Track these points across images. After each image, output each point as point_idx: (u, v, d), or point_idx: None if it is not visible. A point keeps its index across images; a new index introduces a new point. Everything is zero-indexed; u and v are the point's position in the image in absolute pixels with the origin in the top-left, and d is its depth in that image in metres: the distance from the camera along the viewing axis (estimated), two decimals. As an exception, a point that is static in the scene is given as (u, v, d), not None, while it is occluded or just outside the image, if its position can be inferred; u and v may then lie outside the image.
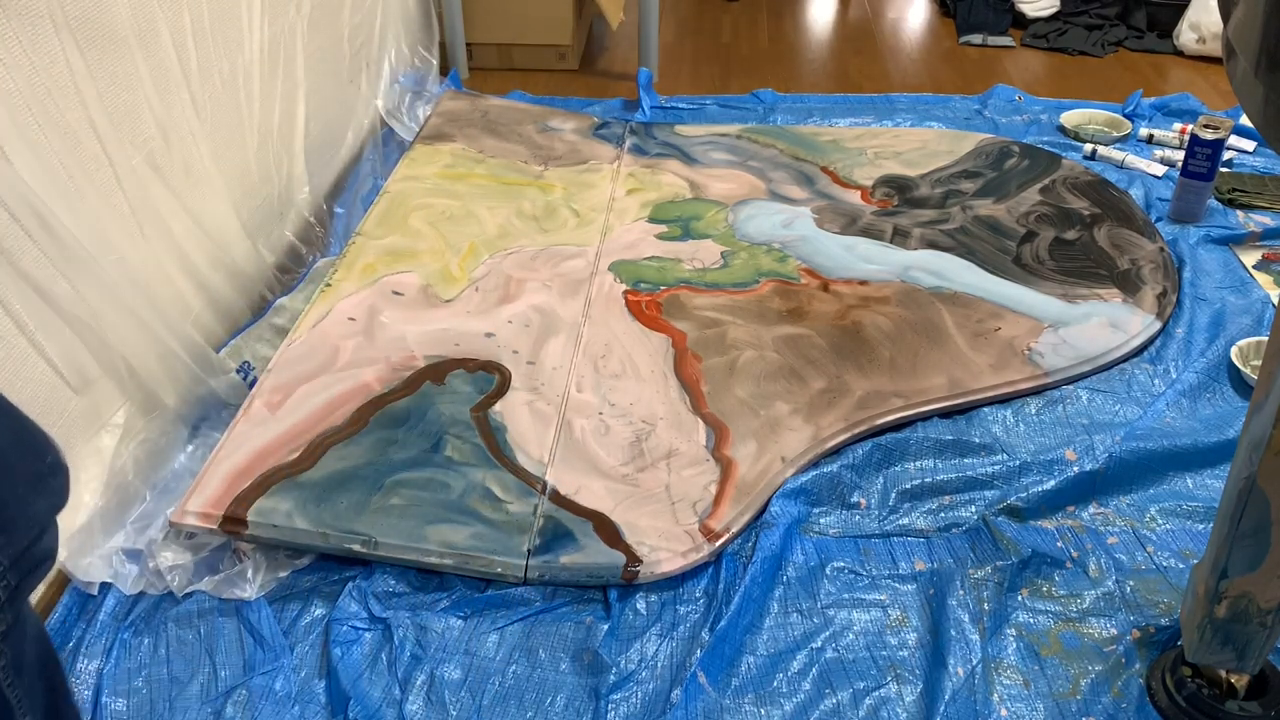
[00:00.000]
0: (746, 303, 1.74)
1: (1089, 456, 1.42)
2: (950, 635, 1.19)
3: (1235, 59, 0.78)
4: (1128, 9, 3.07)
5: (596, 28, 3.17)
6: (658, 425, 1.46)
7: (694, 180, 2.14)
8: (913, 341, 1.64)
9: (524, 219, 1.97)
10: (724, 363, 1.59)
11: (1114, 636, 1.21)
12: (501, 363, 1.57)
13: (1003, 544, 1.31)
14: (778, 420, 1.48)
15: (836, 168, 2.20)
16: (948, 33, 3.16)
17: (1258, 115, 0.76)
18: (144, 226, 1.43)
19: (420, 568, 1.28)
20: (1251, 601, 1.00)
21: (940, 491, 1.41)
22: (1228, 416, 1.51)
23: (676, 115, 2.53)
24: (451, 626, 1.22)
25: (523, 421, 1.46)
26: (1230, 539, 0.98)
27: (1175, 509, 1.38)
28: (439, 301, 1.71)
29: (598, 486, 1.36)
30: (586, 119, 2.41)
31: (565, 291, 1.75)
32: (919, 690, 1.15)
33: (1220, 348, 1.64)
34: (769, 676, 1.17)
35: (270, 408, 1.45)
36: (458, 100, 2.45)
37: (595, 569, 1.25)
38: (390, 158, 2.23)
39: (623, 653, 1.19)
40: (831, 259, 1.86)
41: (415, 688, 1.15)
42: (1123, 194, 2.09)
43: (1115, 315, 1.71)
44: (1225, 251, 1.93)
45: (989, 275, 1.82)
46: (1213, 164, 1.95)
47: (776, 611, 1.24)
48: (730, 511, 1.33)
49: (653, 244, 1.91)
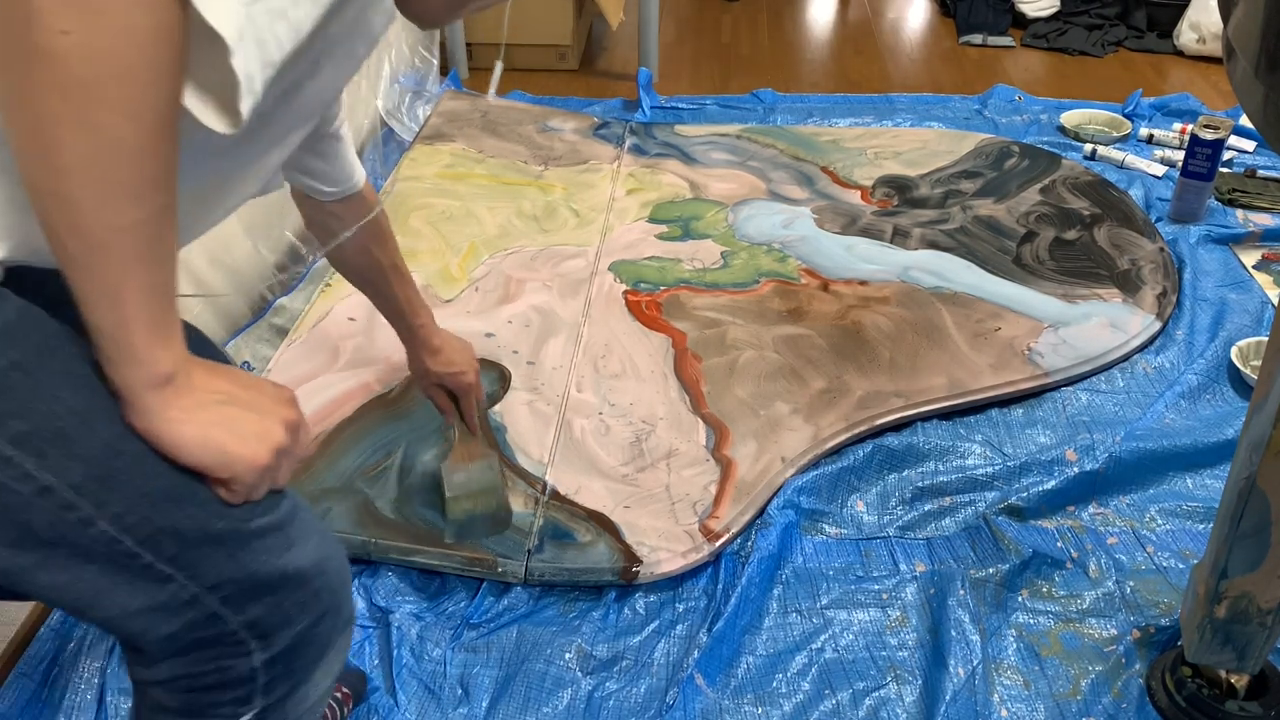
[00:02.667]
0: (746, 303, 1.74)
1: (1089, 456, 1.42)
2: (950, 636, 1.19)
3: (1235, 59, 0.78)
4: (1128, 9, 3.07)
5: (596, 28, 3.17)
6: (658, 425, 1.46)
7: (694, 180, 2.14)
8: (913, 341, 1.64)
9: (524, 219, 1.97)
10: (724, 363, 1.59)
11: (1114, 637, 1.21)
12: (502, 363, 1.57)
13: (1003, 544, 1.31)
14: (778, 420, 1.48)
15: (836, 168, 2.20)
16: (948, 33, 3.16)
17: (1258, 115, 0.76)
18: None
19: (421, 568, 1.28)
20: (1251, 601, 1.00)
21: (940, 492, 1.41)
22: (1228, 416, 1.51)
23: (676, 115, 2.53)
24: (452, 626, 1.22)
25: (523, 421, 1.46)
26: (1230, 539, 0.98)
27: (1175, 509, 1.38)
28: (439, 301, 1.71)
29: (598, 486, 1.36)
30: (586, 119, 2.41)
31: (565, 291, 1.75)
32: (919, 691, 1.15)
33: (1220, 348, 1.64)
34: (769, 677, 1.17)
35: (270, 408, 1.45)
36: (458, 100, 2.45)
37: (595, 569, 1.25)
38: (390, 158, 2.23)
39: (622, 653, 1.19)
40: (831, 259, 1.86)
41: (416, 687, 1.15)
42: (1123, 194, 2.09)
43: (1115, 315, 1.71)
44: (1225, 251, 1.93)
45: (989, 275, 1.82)
46: (1213, 164, 1.95)
47: (776, 612, 1.24)
48: (730, 511, 1.33)
49: (653, 244, 1.91)
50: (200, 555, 0.62)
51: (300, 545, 0.67)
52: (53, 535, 0.58)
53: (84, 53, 0.49)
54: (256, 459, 0.62)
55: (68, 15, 0.48)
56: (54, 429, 0.57)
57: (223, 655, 0.66)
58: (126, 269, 0.55)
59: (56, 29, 0.48)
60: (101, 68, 0.50)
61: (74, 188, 0.52)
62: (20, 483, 0.56)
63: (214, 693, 0.68)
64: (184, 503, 0.61)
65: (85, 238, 0.53)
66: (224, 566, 0.63)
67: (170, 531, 0.61)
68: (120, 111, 0.51)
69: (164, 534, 0.60)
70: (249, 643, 0.66)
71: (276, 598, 0.66)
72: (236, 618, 0.65)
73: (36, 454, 0.56)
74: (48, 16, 0.48)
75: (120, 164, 0.52)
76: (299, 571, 0.67)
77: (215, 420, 0.60)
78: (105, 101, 0.51)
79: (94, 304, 0.55)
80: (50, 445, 0.57)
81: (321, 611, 0.70)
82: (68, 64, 0.49)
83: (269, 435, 0.62)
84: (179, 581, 0.62)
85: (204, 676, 0.67)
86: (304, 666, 0.71)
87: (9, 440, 0.55)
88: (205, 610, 0.64)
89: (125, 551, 0.60)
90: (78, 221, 0.53)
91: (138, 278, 0.55)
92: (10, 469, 0.56)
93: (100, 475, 0.58)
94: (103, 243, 0.53)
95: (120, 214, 0.53)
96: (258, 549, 0.65)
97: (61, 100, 0.50)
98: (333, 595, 0.70)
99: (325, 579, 0.70)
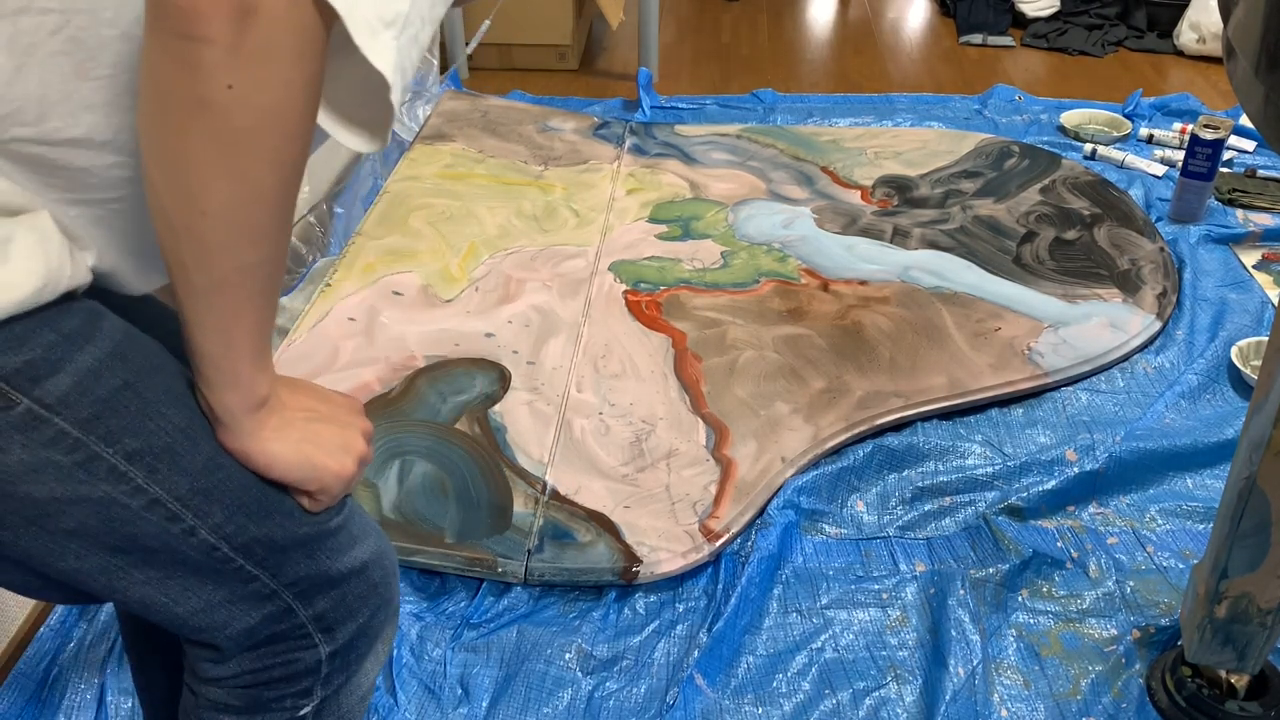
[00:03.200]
0: (746, 303, 1.74)
1: (1089, 456, 1.42)
2: (950, 635, 1.19)
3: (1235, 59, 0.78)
4: (1128, 9, 3.07)
5: (596, 28, 3.17)
6: (658, 425, 1.46)
7: (694, 180, 2.14)
8: (913, 341, 1.64)
9: (524, 219, 1.97)
10: (724, 363, 1.59)
11: (1114, 637, 1.21)
12: (501, 363, 1.57)
13: (1003, 544, 1.31)
14: (778, 420, 1.48)
15: (836, 168, 2.20)
16: (948, 32, 3.16)
17: (1258, 115, 0.76)
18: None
19: (421, 568, 1.28)
20: (1251, 601, 1.00)
21: (940, 492, 1.41)
22: (1228, 416, 1.51)
23: (676, 115, 2.53)
24: (452, 626, 1.22)
25: (523, 421, 1.46)
26: (1230, 539, 0.98)
27: (1175, 509, 1.38)
28: (439, 301, 1.71)
29: (598, 486, 1.36)
30: (586, 119, 2.41)
31: (565, 291, 1.75)
32: (919, 690, 1.15)
33: (1220, 348, 1.64)
34: (769, 677, 1.17)
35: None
36: (458, 100, 2.45)
37: (595, 569, 1.25)
38: (390, 158, 2.23)
39: (622, 653, 1.19)
40: (831, 259, 1.86)
41: (415, 687, 1.15)
42: (1123, 194, 2.09)
43: (1115, 315, 1.71)
44: (1225, 251, 1.93)
45: (989, 275, 1.82)
46: (1213, 164, 1.95)
47: (776, 612, 1.24)
48: (730, 511, 1.33)
49: (653, 244, 1.91)
50: (285, 558, 0.66)
51: (361, 541, 0.71)
52: (157, 544, 0.61)
53: (246, 106, 0.50)
54: (344, 470, 0.65)
55: (236, 71, 0.49)
56: (163, 445, 0.60)
57: (291, 649, 0.69)
58: (242, 303, 0.57)
59: (224, 83, 0.49)
60: (260, 120, 0.51)
61: (212, 229, 0.54)
62: (131, 496, 0.59)
63: (279, 686, 0.70)
64: (274, 512, 0.65)
65: (211, 273, 0.55)
66: (302, 565, 0.67)
67: (263, 539, 0.64)
68: (268, 160, 0.53)
69: (257, 542, 0.64)
70: (314, 635, 0.69)
71: (341, 591, 0.69)
72: (306, 611, 0.68)
73: (148, 470, 0.59)
74: (218, 70, 0.49)
75: (259, 210, 0.54)
76: (362, 565, 0.70)
77: (304, 437, 0.64)
78: (256, 152, 0.52)
79: (206, 333, 0.58)
80: (160, 461, 0.59)
81: (380, 603, 0.73)
82: (228, 116, 0.50)
83: (352, 446, 0.66)
84: (262, 580, 0.66)
85: (271, 670, 0.69)
86: (359, 657, 0.74)
87: (124, 457, 0.58)
88: (282, 604, 0.67)
89: (221, 557, 0.63)
90: (208, 260, 0.55)
91: (252, 311, 0.58)
92: (124, 484, 0.58)
93: (204, 489, 0.61)
94: (226, 279, 0.56)
95: (248, 254, 0.56)
96: (330, 547, 0.68)
97: (217, 150, 0.51)
98: (387, 587, 0.74)
99: (382, 572, 0.73)
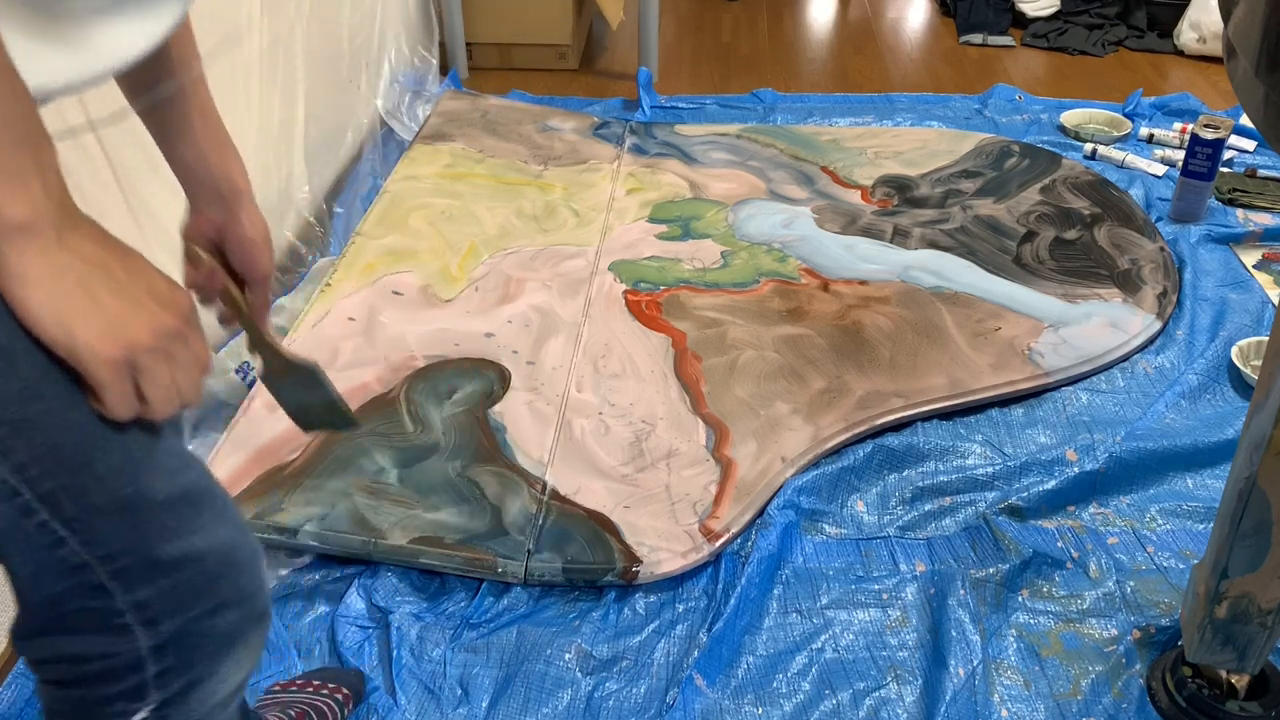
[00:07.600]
0: (746, 303, 1.74)
1: (1089, 456, 1.42)
2: (950, 636, 1.19)
3: (1236, 58, 0.78)
4: (1128, 8, 3.07)
5: (596, 27, 3.17)
6: (658, 425, 1.46)
7: (694, 180, 2.14)
8: (913, 341, 1.64)
9: (524, 219, 1.97)
10: (724, 363, 1.59)
11: (1114, 637, 1.21)
12: (501, 363, 1.57)
13: (1003, 544, 1.31)
14: (778, 420, 1.48)
15: (836, 167, 2.20)
16: (948, 32, 3.16)
17: (1258, 115, 0.76)
18: (142, 225, 1.43)
19: (421, 568, 1.27)
20: (1252, 601, 1.00)
21: (940, 492, 1.41)
22: (1228, 416, 1.51)
23: (676, 115, 2.52)
24: (452, 626, 1.22)
25: (522, 421, 1.46)
26: (1230, 539, 0.97)
27: (1175, 509, 1.38)
28: (439, 301, 1.71)
29: (597, 486, 1.36)
30: (586, 119, 2.41)
31: (565, 291, 1.75)
32: (919, 691, 1.15)
33: (1220, 348, 1.64)
34: (769, 677, 1.17)
35: (270, 408, 1.45)
36: (458, 100, 2.45)
37: (595, 569, 1.25)
38: (390, 157, 2.23)
39: (622, 653, 1.19)
40: (831, 259, 1.86)
41: (415, 687, 1.14)
42: (1123, 194, 2.08)
43: (1115, 315, 1.71)
44: (1225, 251, 1.93)
45: (989, 275, 1.82)
46: (1213, 164, 1.95)
47: (776, 612, 1.24)
48: (730, 511, 1.33)
49: (653, 244, 1.91)
50: (102, 523, 0.57)
51: (207, 530, 0.63)
52: None
53: None
54: (102, 349, 0.53)
55: None
56: None
57: (105, 638, 0.61)
58: None
59: None
60: None
61: None
62: None
63: (102, 685, 0.63)
64: (94, 462, 0.55)
65: None
66: (122, 538, 0.58)
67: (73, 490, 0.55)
68: None
69: (65, 492, 0.55)
70: (133, 626, 0.61)
71: (170, 580, 0.61)
72: (125, 596, 0.60)
73: None
74: None
75: None
76: (198, 554, 0.62)
77: (71, 292, 0.51)
78: None
79: None
80: None
81: (219, 602, 0.64)
82: None
83: (124, 328, 0.53)
84: (71, 546, 0.57)
85: (88, 663, 0.62)
86: (203, 660, 0.65)
87: None
88: (93, 579, 0.58)
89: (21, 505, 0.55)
90: None
91: None
92: None
93: (12, 420, 0.52)
94: None
95: None
96: (159, 525, 0.60)
97: None
98: (235, 587, 0.65)
99: (227, 568, 0.64)
